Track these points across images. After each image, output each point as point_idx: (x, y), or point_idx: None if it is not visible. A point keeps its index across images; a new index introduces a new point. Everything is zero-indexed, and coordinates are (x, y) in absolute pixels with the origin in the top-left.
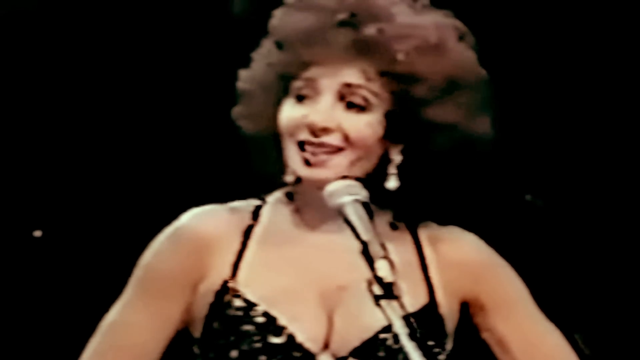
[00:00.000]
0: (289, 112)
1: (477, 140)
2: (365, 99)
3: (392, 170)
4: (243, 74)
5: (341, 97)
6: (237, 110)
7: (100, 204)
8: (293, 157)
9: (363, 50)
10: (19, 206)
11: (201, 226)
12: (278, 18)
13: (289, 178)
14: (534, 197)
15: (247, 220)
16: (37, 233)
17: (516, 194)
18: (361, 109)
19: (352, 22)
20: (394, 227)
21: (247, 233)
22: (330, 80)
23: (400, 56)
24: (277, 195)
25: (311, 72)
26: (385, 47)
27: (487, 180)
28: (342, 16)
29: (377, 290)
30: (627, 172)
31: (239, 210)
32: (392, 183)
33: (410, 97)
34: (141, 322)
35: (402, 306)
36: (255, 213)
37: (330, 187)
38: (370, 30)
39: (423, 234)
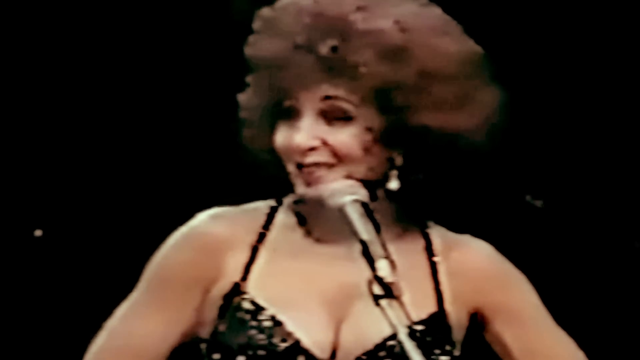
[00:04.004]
0: (280, 137)
1: (474, 133)
2: (345, 111)
3: (393, 172)
4: (240, 98)
5: (323, 113)
6: (243, 134)
7: (101, 204)
8: (294, 179)
9: (326, 69)
10: (19, 205)
11: (215, 229)
12: (249, 45)
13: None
14: (533, 197)
15: (261, 223)
16: (38, 232)
17: (516, 194)
18: (346, 120)
19: (309, 43)
20: (403, 228)
21: (261, 236)
22: (307, 100)
23: (361, 69)
24: (293, 198)
25: (291, 95)
26: (344, 63)
27: (486, 180)
28: (298, 39)
29: (377, 290)
30: (626, 173)
31: (254, 213)
32: (393, 184)
33: (387, 104)
34: (149, 322)
35: (402, 305)
36: (270, 215)
37: (329, 188)
38: (324, 49)
39: (436, 243)
